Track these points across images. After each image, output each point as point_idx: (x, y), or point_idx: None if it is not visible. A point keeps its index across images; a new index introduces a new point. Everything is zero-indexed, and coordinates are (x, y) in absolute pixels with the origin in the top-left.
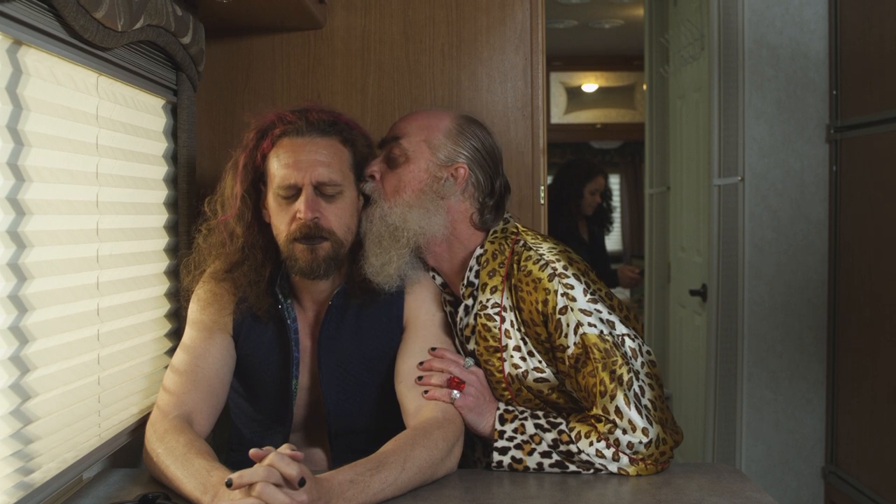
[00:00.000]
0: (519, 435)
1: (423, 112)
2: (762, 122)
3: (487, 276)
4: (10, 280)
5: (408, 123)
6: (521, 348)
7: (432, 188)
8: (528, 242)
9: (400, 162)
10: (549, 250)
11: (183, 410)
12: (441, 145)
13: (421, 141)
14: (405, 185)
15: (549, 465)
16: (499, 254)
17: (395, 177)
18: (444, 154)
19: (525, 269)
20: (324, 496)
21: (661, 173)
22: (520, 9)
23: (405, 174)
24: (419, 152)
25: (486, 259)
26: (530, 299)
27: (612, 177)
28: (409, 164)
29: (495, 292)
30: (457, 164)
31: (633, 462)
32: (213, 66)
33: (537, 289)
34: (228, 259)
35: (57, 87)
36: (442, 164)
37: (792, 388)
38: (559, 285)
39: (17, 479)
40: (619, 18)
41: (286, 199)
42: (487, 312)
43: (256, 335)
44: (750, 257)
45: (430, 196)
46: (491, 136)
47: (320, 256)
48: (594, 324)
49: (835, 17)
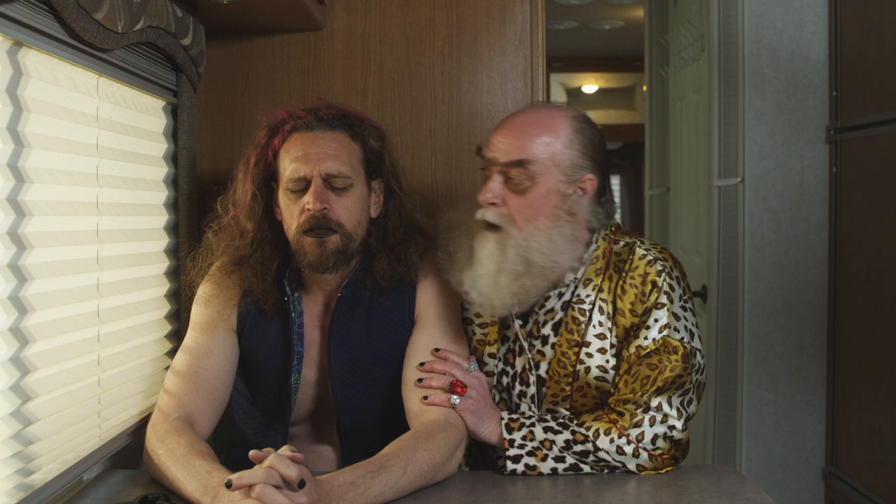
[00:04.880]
0: (529, 442)
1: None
2: (762, 123)
3: (594, 273)
4: (11, 281)
5: (522, 141)
6: (593, 343)
7: (564, 208)
8: (629, 241)
9: (526, 187)
10: (653, 247)
11: (184, 412)
12: (565, 159)
13: (545, 159)
14: (537, 211)
15: (563, 470)
16: (604, 249)
17: (524, 203)
18: (570, 168)
19: (632, 262)
20: (324, 498)
21: (661, 174)
22: (520, 10)
23: (536, 200)
24: (546, 172)
25: (597, 255)
26: (633, 291)
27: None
28: (537, 186)
29: (595, 289)
30: (585, 176)
31: (651, 458)
32: (214, 67)
33: (645, 282)
34: (237, 253)
35: (57, 89)
36: (570, 180)
37: (792, 389)
38: (664, 283)
39: (18, 480)
40: (619, 20)
41: (295, 192)
42: (582, 307)
43: (261, 329)
44: (750, 258)
45: (564, 219)
46: (597, 128)
47: (329, 249)
48: (679, 329)
49: (835, 18)
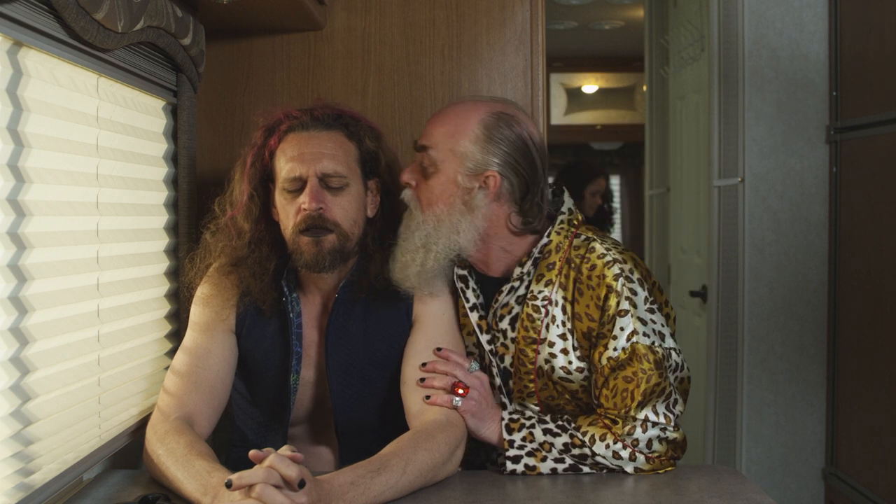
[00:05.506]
0: (529, 443)
1: (451, 113)
2: (762, 123)
3: (546, 268)
4: (11, 281)
5: (435, 129)
6: (557, 343)
7: (463, 200)
8: (591, 237)
9: (430, 173)
10: (615, 246)
11: (184, 412)
12: (468, 154)
13: (448, 150)
14: (437, 197)
15: (562, 470)
16: (561, 247)
17: (427, 188)
18: (472, 163)
19: (589, 262)
20: (324, 498)
21: (661, 174)
22: (520, 10)
23: (436, 186)
24: (447, 162)
25: (549, 250)
26: (590, 294)
27: (613, 178)
28: (439, 175)
29: (549, 285)
30: (487, 172)
31: (649, 461)
32: (214, 67)
33: (600, 285)
34: (235, 253)
35: (57, 89)
36: (471, 174)
37: (792, 389)
38: (624, 288)
39: (18, 480)
40: (619, 20)
41: (292, 192)
42: (535, 304)
43: (259, 330)
44: (750, 259)
45: (460, 209)
46: (526, 130)
47: (325, 249)
48: (648, 334)
49: (834, 18)
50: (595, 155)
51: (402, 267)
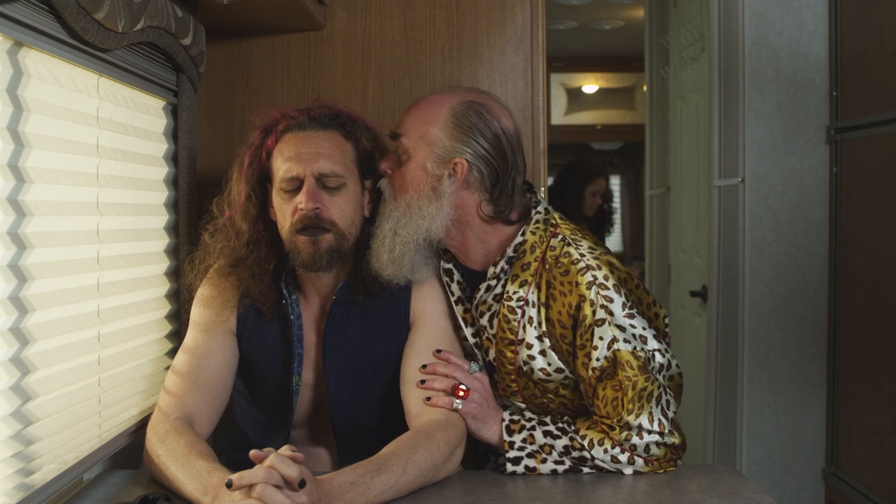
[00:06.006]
0: (529, 445)
1: (424, 102)
2: (762, 123)
3: (521, 268)
4: (11, 281)
5: (408, 117)
6: (535, 345)
7: (433, 188)
8: (568, 238)
9: (403, 160)
10: (590, 251)
11: (184, 412)
12: (437, 141)
13: (418, 137)
14: (407, 184)
15: (563, 471)
16: (537, 247)
17: (400, 175)
18: (440, 150)
19: (563, 267)
20: (324, 498)
21: (661, 175)
22: (520, 10)
23: (407, 173)
24: (418, 149)
25: (524, 249)
26: (563, 300)
27: (613, 178)
28: (411, 162)
29: (524, 286)
30: (454, 159)
31: (647, 463)
32: (214, 67)
33: (572, 292)
34: (233, 254)
35: (57, 89)
36: (440, 161)
37: (792, 389)
38: (598, 296)
39: (18, 480)
40: (620, 20)
41: (289, 192)
42: (511, 305)
43: (260, 332)
44: (750, 259)
45: (429, 197)
46: (497, 119)
47: (322, 248)
48: (628, 339)
49: (835, 18)
50: (595, 155)
51: (375, 254)
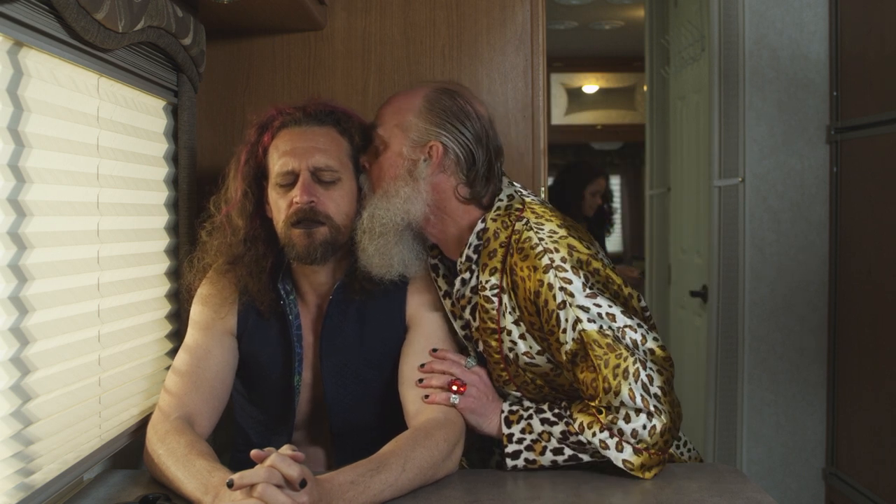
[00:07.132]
0: (527, 435)
1: (399, 94)
2: (762, 123)
3: (488, 256)
4: (11, 281)
5: (383, 109)
6: (514, 331)
7: (409, 172)
8: (531, 222)
9: (380, 151)
10: (550, 234)
11: (184, 412)
12: (412, 126)
13: (394, 126)
14: (384, 173)
15: (563, 461)
16: (501, 232)
17: (377, 167)
18: (415, 135)
19: (523, 252)
20: (324, 497)
21: (661, 174)
22: (520, 10)
23: (384, 162)
24: (394, 137)
25: (487, 237)
26: (524, 286)
27: (613, 178)
28: (388, 151)
29: (494, 273)
30: (430, 142)
31: (637, 452)
32: (214, 67)
33: (531, 278)
34: (230, 251)
35: (58, 89)
36: (416, 145)
37: (792, 389)
38: (556, 279)
39: (18, 480)
40: (620, 20)
41: (284, 186)
42: (486, 294)
43: (260, 333)
44: (750, 259)
45: (405, 180)
46: (470, 103)
47: (317, 241)
48: (593, 319)
49: (835, 18)
50: (595, 155)
51: (361, 247)
